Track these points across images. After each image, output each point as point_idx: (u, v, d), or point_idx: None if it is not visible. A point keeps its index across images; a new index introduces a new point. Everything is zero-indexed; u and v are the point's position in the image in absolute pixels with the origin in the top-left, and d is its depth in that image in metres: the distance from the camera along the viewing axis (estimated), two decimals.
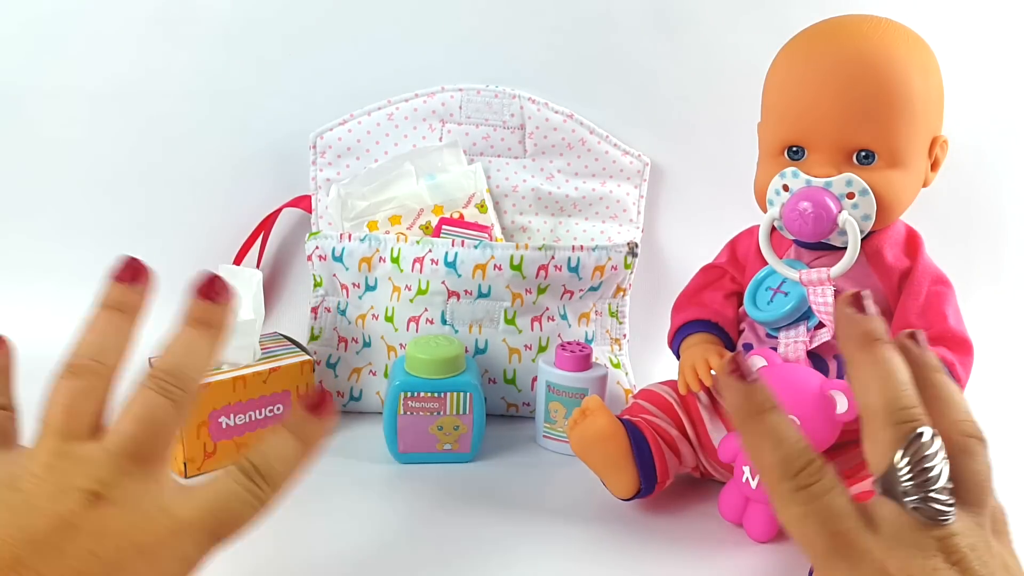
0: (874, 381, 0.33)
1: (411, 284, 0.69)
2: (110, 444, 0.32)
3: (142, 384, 0.34)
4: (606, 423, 0.55)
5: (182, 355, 0.35)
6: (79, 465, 0.31)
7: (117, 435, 0.32)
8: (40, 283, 0.83)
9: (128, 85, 0.78)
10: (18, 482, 0.31)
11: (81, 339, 0.36)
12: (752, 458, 0.33)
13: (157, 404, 0.33)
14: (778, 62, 0.56)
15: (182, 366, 0.34)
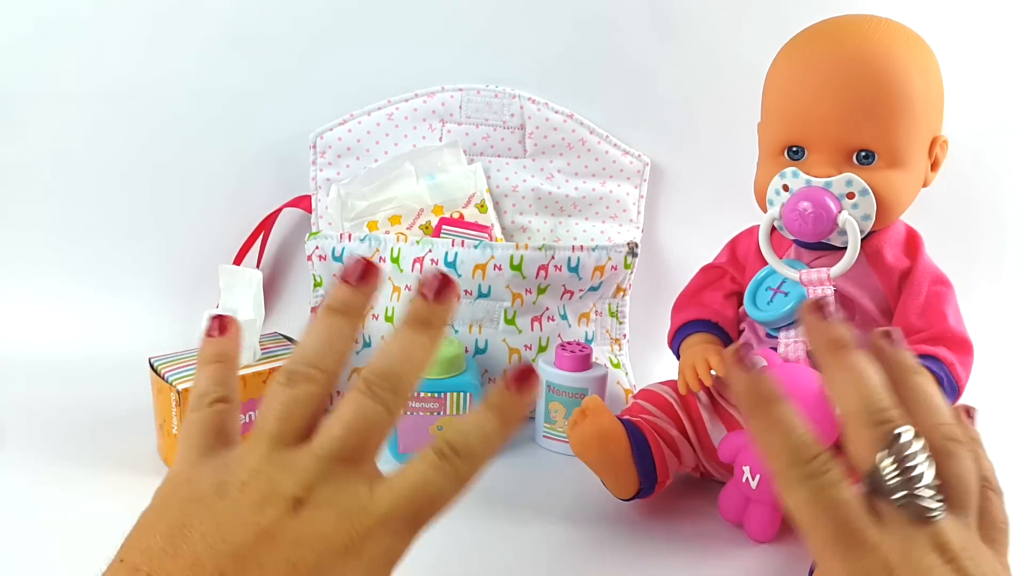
0: (848, 386, 0.33)
1: (411, 284, 0.69)
2: (319, 448, 0.31)
3: (355, 387, 0.33)
4: (606, 423, 0.55)
5: (398, 358, 0.34)
6: (286, 471, 0.31)
7: (327, 439, 0.32)
8: (41, 283, 0.83)
9: (128, 86, 0.78)
10: (226, 488, 0.31)
11: (303, 343, 0.35)
12: (761, 446, 0.33)
13: (368, 408, 0.32)
14: (778, 62, 0.56)
15: (396, 369, 0.34)
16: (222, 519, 0.30)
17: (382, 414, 0.33)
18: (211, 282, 0.69)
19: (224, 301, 0.65)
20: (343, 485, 0.31)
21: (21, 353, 0.79)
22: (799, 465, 0.32)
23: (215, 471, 0.32)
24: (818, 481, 0.32)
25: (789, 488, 0.32)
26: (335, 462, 0.31)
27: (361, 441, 0.32)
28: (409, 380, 0.34)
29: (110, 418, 0.68)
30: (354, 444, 0.32)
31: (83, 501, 0.56)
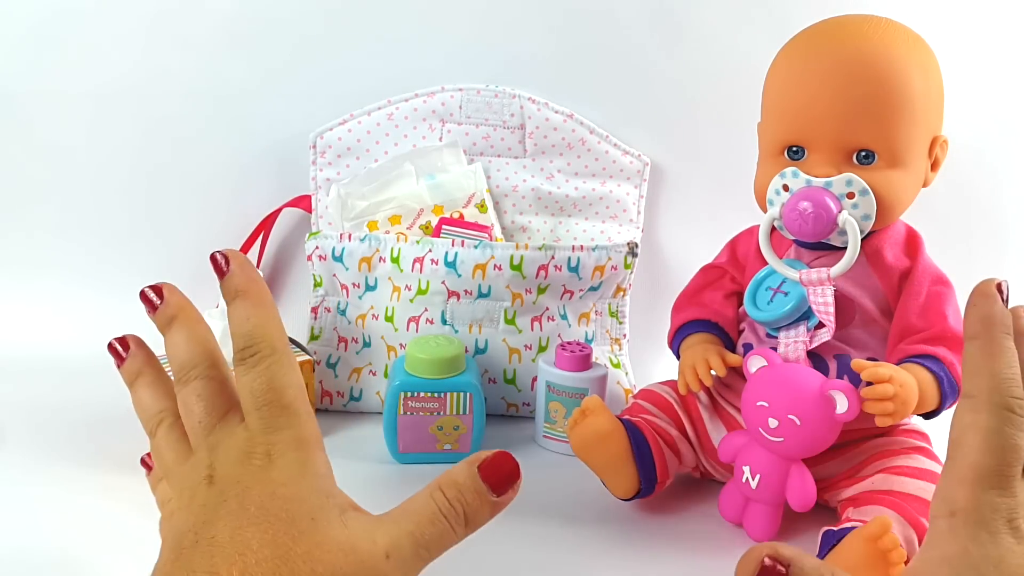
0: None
1: (411, 284, 0.69)
2: (195, 440, 0.38)
3: (236, 372, 0.38)
4: (606, 423, 0.55)
5: (245, 326, 0.38)
6: (191, 470, 0.38)
7: (190, 431, 0.39)
8: (41, 283, 0.83)
9: (129, 86, 0.78)
10: (173, 503, 0.38)
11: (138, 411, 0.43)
12: (972, 362, 0.35)
13: (191, 392, 0.39)
14: (778, 62, 0.56)
15: (253, 334, 0.38)
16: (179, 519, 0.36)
17: (199, 386, 0.39)
18: (211, 282, 0.68)
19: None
20: (225, 444, 0.37)
21: (21, 353, 0.79)
22: (1003, 395, 0.33)
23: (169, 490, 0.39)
24: (1010, 417, 0.33)
25: (976, 409, 0.34)
26: (207, 436, 0.38)
27: (202, 415, 0.38)
28: (269, 336, 0.38)
29: (110, 418, 0.68)
30: (198, 422, 0.38)
31: (83, 501, 0.56)
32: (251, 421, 0.36)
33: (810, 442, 0.50)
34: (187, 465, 0.37)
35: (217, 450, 0.36)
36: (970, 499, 0.33)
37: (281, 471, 0.35)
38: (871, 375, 0.49)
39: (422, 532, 0.36)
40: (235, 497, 0.34)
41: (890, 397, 0.48)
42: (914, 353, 0.52)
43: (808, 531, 0.55)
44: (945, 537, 0.34)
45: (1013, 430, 0.33)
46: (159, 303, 0.40)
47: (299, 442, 0.36)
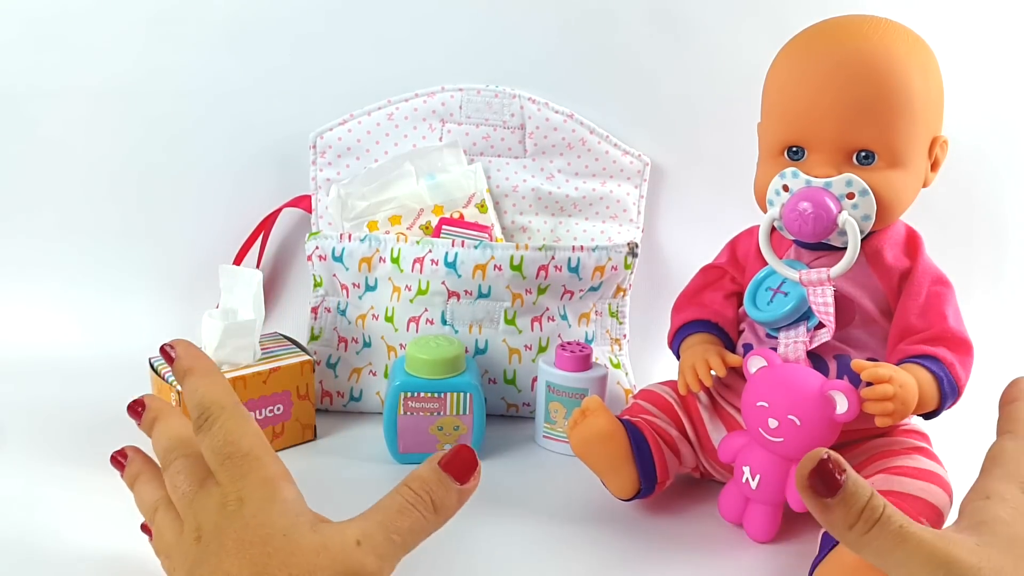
0: None
1: (411, 284, 0.69)
2: (181, 509, 0.43)
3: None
4: (606, 423, 0.55)
5: (198, 396, 0.43)
6: (180, 544, 0.42)
7: (175, 502, 0.44)
8: (41, 283, 0.83)
9: (128, 85, 0.78)
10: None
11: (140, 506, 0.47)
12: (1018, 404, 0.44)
13: (167, 473, 0.45)
14: (778, 62, 0.56)
15: (204, 401, 0.43)
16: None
17: (181, 466, 0.44)
18: (211, 282, 0.69)
19: (224, 301, 0.65)
20: (201, 501, 0.41)
21: (21, 353, 0.79)
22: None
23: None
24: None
25: (1019, 440, 0.42)
26: (183, 506, 0.42)
27: (175, 486, 0.43)
28: (215, 397, 0.43)
29: (110, 418, 0.67)
30: (176, 494, 0.43)
31: (83, 501, 0.56)
32: (220, 476, 0.40)
33: (810, 442, 0.50)
34: (181, 536, 0.41)
35: (200, 513, 0.40)
36: (1005, 489, 0.39)
37: (252, 507, 0.39)
38: (871, 375, 0.49)
39: (391, 520, 0.39)
40: (215, 540, 0.38)
41: (890, 397, 0.48)
42: (914, 353, 0.52)
43: (808, 531, 0.55)
44: (979, 510, 0.38)
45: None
46: (142, 411, 0.47)
47: (264, 481, 0.40)
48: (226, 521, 0.38)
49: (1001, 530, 0.37)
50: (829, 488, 0.36)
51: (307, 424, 0.67)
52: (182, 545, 0.40)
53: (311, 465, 0.63)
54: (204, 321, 0.62)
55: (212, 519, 0.39)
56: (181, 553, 0.40)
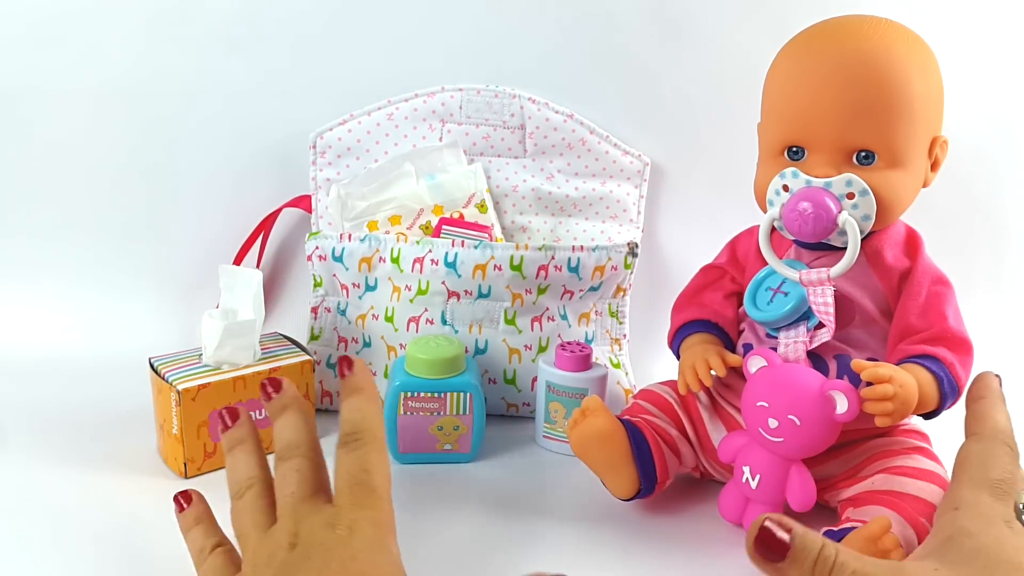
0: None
1: (411, 284, 0.69)
2: (283, 510, 0.41)
3: (275, 466, 0.43)
4: (606, 423, 0.55)
5: (288, 432, 0.45)
6: (272, 538, 0.40)
7: (283, 500, 0.42)
8: (41, 283, 0.83)
9: (129, 86, 0.78)
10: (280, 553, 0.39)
11: (228, 479, 0.45)
12: (980, 409, 0.45)
13: (291, 467, 0.42)
14: (778, 62, 0.56)
15: (291, 439, 0.44)
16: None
17: (300, 463, 0.43)
18: (211, 282, 0.69)
19: (224, 301, 0.65)
20: (313, 515, 0.40)
21: (21, 353, 0.79)
22: (1005, 436, 0.43)
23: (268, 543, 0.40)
24: (1008, 451, 0.42)
25: (985, 441, 0.43)
26: (298, 506, 0.40)
27: (300, 484, 0.41)
28: (300, 435, 0.44)
29: (110, 418, 0.68)
30: (298, 490, 0.41)
31: (83, 501, 0.56)
32: (341, 498, 0.40)
33: (810, 442, 0.50)
34: (267, 533, 0.40)
35: (302, 521, 0.39)
36: (973, 497, 0.39)
37: (361, 543, 0.38)
38: (871, 375, 0.49)
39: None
40: (319, 557, 0.37)
41: (890, 397, 0.48)
42: (914, 353, 0.52)
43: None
44: (948, 523, 0.39)
45: (1009, 459, 0.42)
46: (275, 394, 0.46)
47: (377, 523, 0.39)
48: (333, 543, 0.38)
49: (965, 543, 0.37)
50: (776, 552, 0.35)
51: None
52: (267, 543, 0.40)
53: None
54: (204, 321, 0.62)
55: (316, 534, 0.38)
56: (266, 550, 0.39)
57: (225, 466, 0.45)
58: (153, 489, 0.59)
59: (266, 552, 0.39)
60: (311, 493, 0.41)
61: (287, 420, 0.45)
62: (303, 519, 0.39)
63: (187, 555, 0.51)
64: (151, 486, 0.59)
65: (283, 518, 0.40)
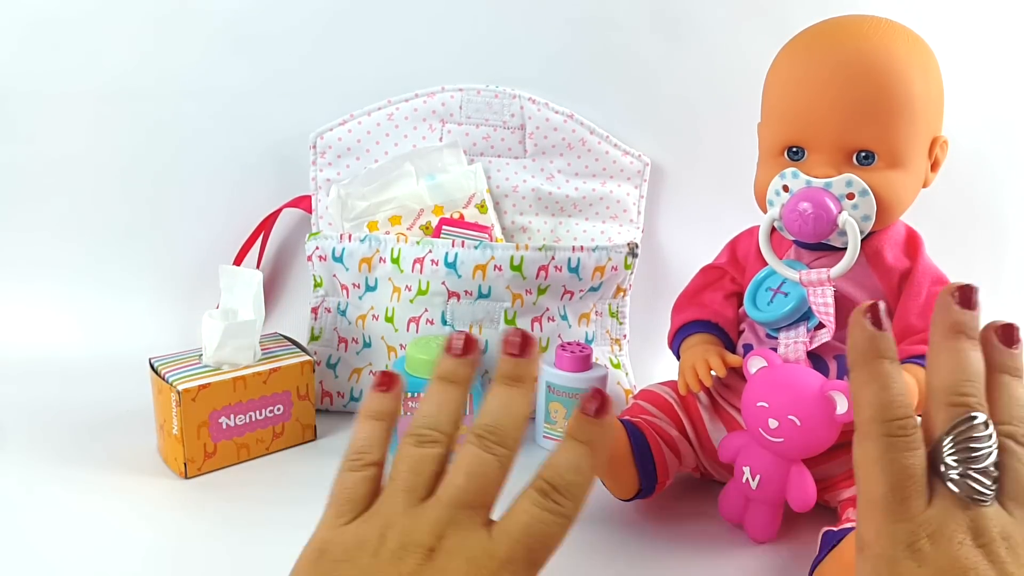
0: (945, 365, 0.35)
1: (411, 285, 0.69)
2: (444, 497, 0.35)
3: (468, 442, 0.36)
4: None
5: (500, 413, 0.37)
6: (419, 521, 0.34)
7: (451, 488, 0.35)
8: (41, 283, 0.83)
9: (128, 87, 0.78)
10: (367, 545, 0.34)
11: (422, 409, 0.38)
12: (854, 394, 0.35)
13: (482, 459, 0.35)
14: (778, 62, 0.56)
15: (501, 423, 0.36)
16: (368, 572, 0.33)
17: (494, 463, 0.35)
18: (211, 282, 0.69)
19: (224, 301, 0.65)
20: (467, 531, 0.34)
21: (21, 353, 0.79)
22: (882, 421, 0.33)
23: (358, 530, 0.35)
24: (892, 441, 0.33)
25: (863, 440, 0.34)
26: (459, 508, 0.34)
27: (480, 488, 0.35)
28: (513, 431, 0.36)
29: (110, 418, 0.68)
30: (474, 491, 0.35)
31: (83, 501, 0.56)
32: (504, 537, 0.34)
33: (810, 442, 0.50)
34: (418, 506, 0.35)
35: (457, 530, 0.34)
36: (871, 532, 0.33)
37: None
38: None
39: None
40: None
41: None
42: (914, 353, 0.53)
43: (808, 531, 0.55)
44: (860, 572, 0.34)
45: (897, 453, 0.33)
46: (520, 357, 0.38)
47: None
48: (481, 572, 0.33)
49: None
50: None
51: (307, 424, 0.67)
52: (411, 520, 0.34)
53: (311, 465, 0.63)
54: (204, 321, 0.62)
55: (460, 557, 0.33)
56: (404, 530, 0.34)
57: (427, 392, 0.39)
58: (153, 489, 0.59)
59: (404, 531, 0.34)
60: (481, 504, 0.35)
61: (510, 400, 0.37)
62: (459, 529, 0.34)
63: (187, 555, 0.51)
64: (151, 486, 0.59)
65: (441, 507, 0.34)
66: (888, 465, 0.33)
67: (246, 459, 0.63)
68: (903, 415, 0.33)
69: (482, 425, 0.36)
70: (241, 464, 0.63)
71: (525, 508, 0.35)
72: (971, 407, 0.33)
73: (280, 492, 0.59)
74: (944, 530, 0.32)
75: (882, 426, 0.33)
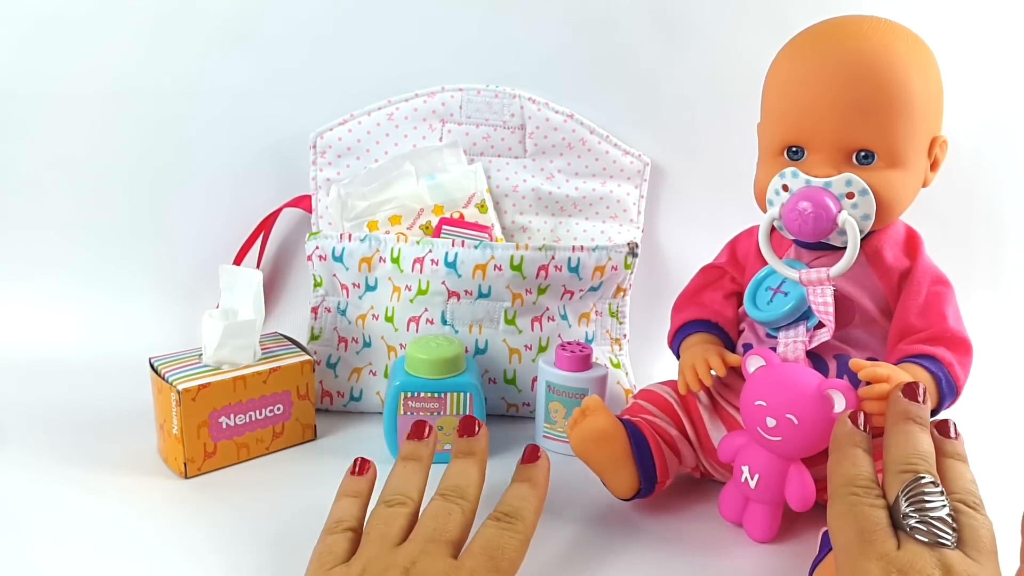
0: (899, 444, 0.42)
1: (411, 284, 0.69)
2: (416, 535, 0.42)
3: (433, 499, 0.45)
4: (606, 423, 0.55)
5: (458, 477, 0.46)
6: (395, 555, 0.41)
7: (421, 528, 0.43)
8: (41, 283, 0.83)
9: (128, 86, 0.78)
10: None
11: (389, 484, 0.47)
12: (830, 473, 0.43)
13: (448, 508, 0.44)
14: (778, 62, 0.56)
15: (459, 483, 0.46)
16: None
17: (457, 510, 0.44)
18: (211, 282, 0.69)
19: (224, 301, 0.65)
20: (437, 558, 0.41)
21: (21, 353, 0.79)
22: (848, 485, 0.41)
23: (340, 570, 0.41)
24: (856, 498, 0.40)
25: (832, 502, 0.41)
26: (428, 542, 0.42)
27: (446, 527, 0.43)
28: (471, 489, 0.46)
29: (110, 418, 0.68)
30: (441, 529, 0.42)
31: (83, 501, 0.56)
32: (468, 558, 0.41)
33: (808, 441, 0.50)
34: (392, 548, 0.42)
35: (426, 557, 0.41)
36: (845, 573, 0.38)
37: None
38: (869, 375, 0.49)
39: None
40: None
41: (888, 397, 0.48)
42: (913, 353, 0.53)
43: (808, 531, 0.55)
44: None
45: (860, 506, 0.39)
46: (469, 436, 0.49)
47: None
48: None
49: None
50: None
51: (307, 424, 0.67)
52: (387, 556, 0.41)
53: (311, 465, 0.63)
54: (204, 321, 0.62)
55: (441, 570, 0.40)
56: (383, 563, 0.41)
57: (393, 469, 0.48)
58: (153, 489, 0.59)
59: (382, 564, 0.40)
60: (447, 540, 0.42)
61: (466, 467, 0.47)
62: (428, 556, 0.41)
63: (187, 555, 0.51)
64: (151, 486, 0.59)
65: (412, 543, 0.42)
66: (854, 516, 0.39)
67: (246, 459, 0.63)
68: (869, 483, 0.41)
69: (444, 487, 0.45)
70: (241, 464, 0.63)
71: (483, 531, 0.43)
72: (920, 471, 0.40)
73: (280, 492, 0.59)
74: (915, 565, 0.36)
75: (847, 488, 0.41)
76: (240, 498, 0.58)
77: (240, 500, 0.58)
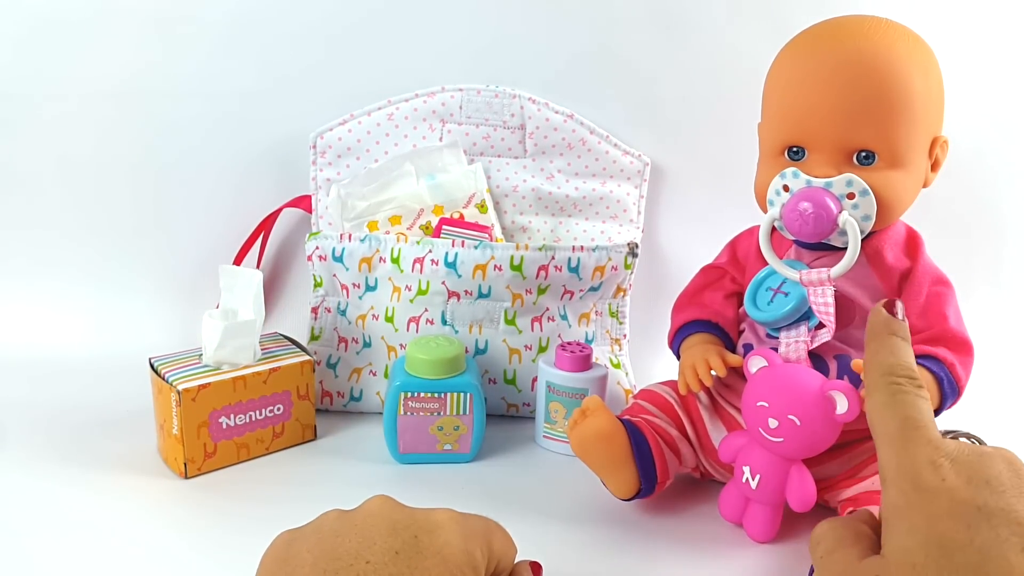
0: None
1: (411, 284, 0.69)
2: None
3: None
4: (606, 423, 0.55)
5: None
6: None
7: None
8: (41, 283, 0.83)
9: (129, 86, 0.78)
10: None
11: None
12: (867, 362, 0.40)
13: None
14: (779, 62, 0.56)
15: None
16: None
17: None
18: (211, 282, 0.69)
19: (224, 301, 0.65)
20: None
21: (21, 353, 0.79)
22: (889, 375, 0.39)
23: None
24: (898, 387, 0.38)
25: (872, 393, 0.39)
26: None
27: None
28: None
29: (111, 418, 0.68)
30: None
31: (83, 501, 0.56)
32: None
33: (810, 442, 0.50)
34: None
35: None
36: (891, 464, 0.36)
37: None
38: None
39: None
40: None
41: None
42: (915, 353, 0.52)
43: (808, 531, 0.54)
44: (885, 498, 0.37)
45: (904, 395, 0.37)
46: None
47: None
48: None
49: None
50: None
51: (307, 424, 0.67)
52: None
53: (311, 465, 0.63)
54: (204, 321, 0.62)
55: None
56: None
57: None
58: (153, 489, 0.59)
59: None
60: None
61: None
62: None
63: (187, 555, 0.51)
64: (151, 486, 0.59)
65: None
66: (897, 404, 0.37)
67: (246, 459, 0.63)
68: (908, 374, 0.38)
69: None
70: (241, 464, 0.63)
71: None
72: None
73: (280, 492, 0.59)
74: (963, 451, 0.35)
75: (888, 377, 0.38)
76: (240, 498, 0.58)
77: (240, 500, 0.58)
